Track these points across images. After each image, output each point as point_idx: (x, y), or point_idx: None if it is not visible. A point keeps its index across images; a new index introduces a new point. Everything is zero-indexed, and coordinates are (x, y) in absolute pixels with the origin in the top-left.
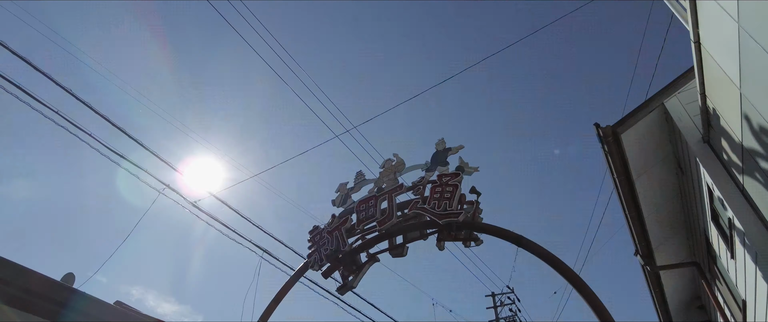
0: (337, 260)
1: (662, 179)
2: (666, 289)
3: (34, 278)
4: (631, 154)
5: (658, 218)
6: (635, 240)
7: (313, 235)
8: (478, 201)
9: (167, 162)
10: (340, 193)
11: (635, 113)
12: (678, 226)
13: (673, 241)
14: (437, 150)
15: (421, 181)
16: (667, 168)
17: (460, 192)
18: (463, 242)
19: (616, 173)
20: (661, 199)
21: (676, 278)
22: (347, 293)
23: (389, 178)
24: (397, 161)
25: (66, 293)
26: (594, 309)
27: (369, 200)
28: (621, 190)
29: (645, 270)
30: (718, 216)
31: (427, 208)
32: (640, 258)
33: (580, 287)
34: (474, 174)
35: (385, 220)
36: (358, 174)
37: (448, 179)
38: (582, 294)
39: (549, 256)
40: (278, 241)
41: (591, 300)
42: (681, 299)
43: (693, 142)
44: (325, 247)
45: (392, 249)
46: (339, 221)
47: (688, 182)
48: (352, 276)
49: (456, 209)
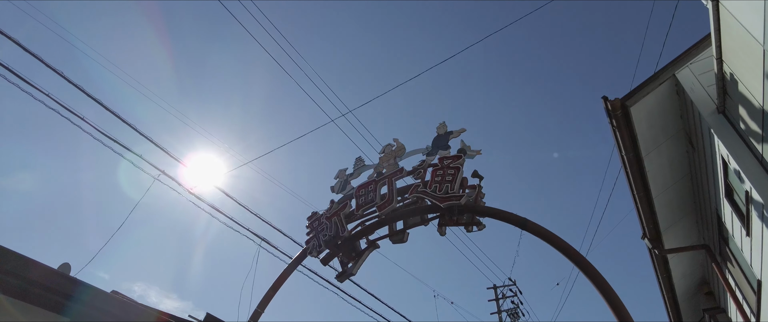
0: (336, 246)
1: (672, 156)
2: (673, 275)
3: (30, 266)
4: (640, 129)
5: (666, 200)
6: (643, 222)
7: (311, 221)
8: (480, 185)
9: (162, 147)
10: (339, 179)
11: (645, 85)
12: (687, 208)
13: (681, 224)
14: (439, 134)
15: (422, 164)
16: (677, 145)
17: (461, 175)
18: (465, 227)
19: (625, 150)
20: (671, 179)
21: (684, 262)
22: (346, 280)
23: (389, 163)
24: (398, 146)
25: (63, 282)
26: (601, 291)
27: (368, 185)
28: (629, 168)
29: (652, 254)
30: (733, 191)
31: (427, 191)
32: (647, 241)
33: (586, 269)
34: (476, 157)
35: (385, 204)
36: (357, 160)
37: (450, 161)
38: (588, 276)
39: (554, 238)
40: (276, 229)
41: (597, 282)
42: (688, 285)
43: (707, 113)
44: (323, 233)
45: (392, 235)
46: (338, 207)
47: (700, 158)
48: (351, 263)
49: (458, 192)
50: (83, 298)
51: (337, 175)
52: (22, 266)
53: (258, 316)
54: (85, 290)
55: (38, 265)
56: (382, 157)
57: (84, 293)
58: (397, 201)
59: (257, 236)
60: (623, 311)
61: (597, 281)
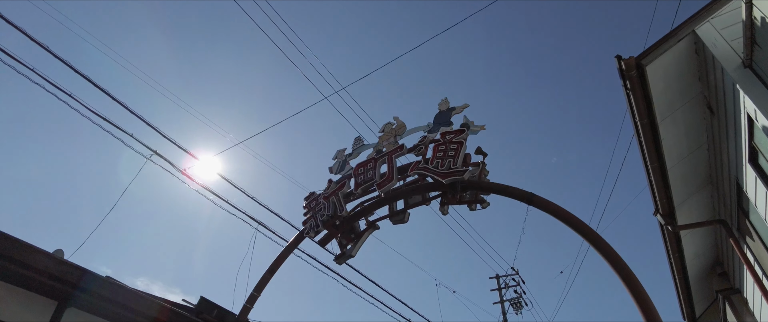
0: (334, 226)
1: (688, 124)
2: (685, 254)
3: (26, 250)
4: (656, 92)
5: (681, 172)
6: (656, 197)
7: (308, 201)
8: (484, 162)
9: (154, 126)
10: (337, 159)
11: (662, 43)
12: (702, 182)
13: (696, 199)
14: (440, 110)
15: (423, 140)
16: (694, 111)
17: (464, 150)
18: (468, 205)
19: (638, 116)
20: (686, 149)
21: (697, 241)
22: (345, 263)
23: (389, 141)
24: (398, 124)
25: (59, 266)
26: (612, 264)
27: (367, 163)
28: (643, 136)
29: (665, 230)
30: (758, 154)
31: (429, 167)
32: (660, 217)
33: (598, 243)
34: (480, 133)
35: (385, 182)
36: (356, 140)
37: (452, 136)
38: (598, 249)
39: (563, 213)
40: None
41: (608, 255)
42: (701, 266)
43: (731, 68)
44: (321, 213)
45: (393, 215)
46: (336, 186)
47: (721, 123)
48: (350, 245)
49: (460, 167)
50: (78, 283)
51: (335, 155)
52: (12, 248)
53: (254, 299)
54: (80, 275)
55: (32, 248)
56: (381, 136)
57: (77, 277)
58: (397, 179)
59: (254, 219)
60: (637, 285)
61: (609, 255)
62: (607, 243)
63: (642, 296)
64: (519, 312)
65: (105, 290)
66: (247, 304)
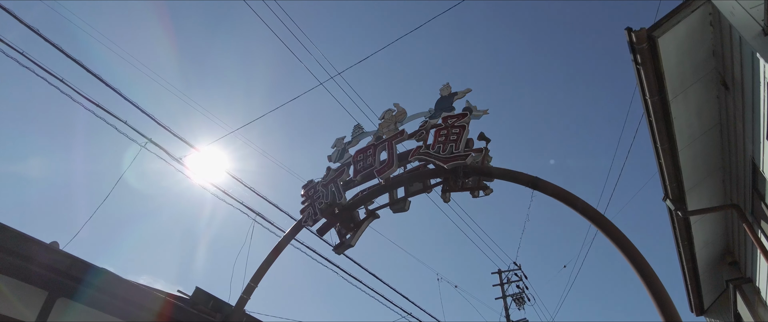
0: (333, 215)
1: (700, 103)
2: (695, 242)
3: (15, 238)
4: (668, 66)
5: (692, 154)
6: (665, 180)
7: (306, 189)
8: (487, 148)
9: (150, 115)
10: (336, 148)
11: (675, 13)
12: (714, 165)
13: (706, 184)
14: (442, 96)
15: (424, 125)
16: (707, 89)
17: (467, 134)
18: (470, 192)
19: (649, 93)
20: (698, 129)
21: (707, 229)
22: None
23: (389, 128)
24: (398, 111)
25: (49, 255)
26: (621, 248)
27: (367, 150)
28: (653, 115)
29: (674, 217)
30: None
31: (430, 153)
32: (669, 203)
33: (605, 226)
34: (483, 119)
35: (385, 169)
36: (355, 127)
37: (455, 120)
38: (607, 234)
39: (569, 196)
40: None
41: (618, 239)
42: (710, 255)
43: (750, 37)
44: (319, 201)
45: (393, 204)
46: (335, 174)
47: (737, 99)
48: (349, 234)
49: (463, 152)
50: (69, 272)
51: (334, 143)
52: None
53: (251, 290)
54: (70, 263)
55: (22, 236)
56: (381, 123)
57: (68, 265)
58: (397, 165)
59: (251, 210)
60: (648, 270)
61: (615, 237)
62: (616, 227)
63: (653, 281)
64: (521, 307)
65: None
66: (244, 295)
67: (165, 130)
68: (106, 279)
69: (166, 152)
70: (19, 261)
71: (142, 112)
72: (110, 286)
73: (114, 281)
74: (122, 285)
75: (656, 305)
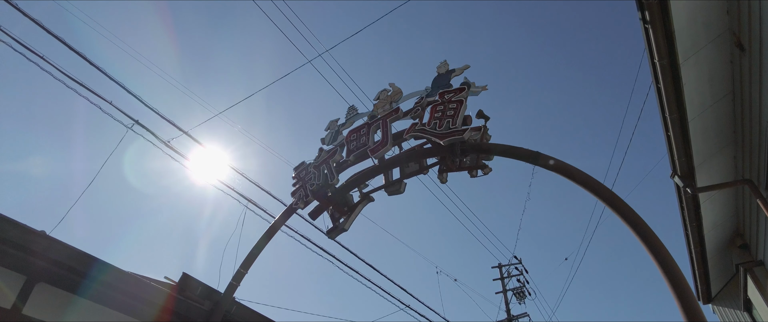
0: (325, 197)
1: (713, 67)
2: (704, 223)
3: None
4: (678, 26)
5: (703, 126)
6: (674, 155)
7: (298, 171)
8: (486, 126)
9: (137, 96)
10: (330, 130)
11: None
12: (725, 138)
13: (717, 159)
14: (439, 73)
15: (420, 102)
16: (721, 51)
17: (464, 109)
18: (468, 172)
19: (658, 55)
20: (710, 97)
21: (717, 209)
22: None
23: (384, 108)
24: (394, 91)
25: (26, 235)
26: (631, 225)
27: (360, 129)
28: (662, 80)
29: (682, 195)
30: None
31: (426, 129)
32: (678, 179)
33: (612, 201)
34: (482, 96)
35: (379, 147)
36: (350, 109)
37: (452, 95)
38: (614, 209)
39: (572, 171)
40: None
41: (626, 215)
42: (719, 239)
43: None
44: (311, 182)
45: (388, 186)
46: (327, 155)
47: (754, 61)
48: (343, 218)
49: (460, 127)
50: (47, 254)
51: (327, 126)
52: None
53: (241, 277)
54: (48, 245)
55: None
56: (377, 103)
57: (45, 247)
58: (392, 144)
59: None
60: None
61: (628, 216)
62: (624, 202)
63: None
64: (522, 302)
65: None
66: (234, 281)
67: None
68: (87, 263)
69: (153, 135)
70: (7, 248)
71: (129, 92)
72: (92, 271)
73: (95, 266)
74: (104, 270)
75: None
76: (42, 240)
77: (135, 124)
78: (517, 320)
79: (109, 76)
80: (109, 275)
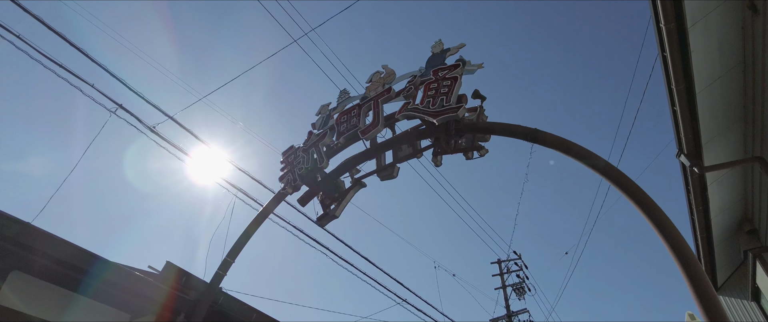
0: (314, 181)
1: (723, 34)
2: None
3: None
4: None
5: (711, 100)
6: (680, 130)
7: (286, 155)
8: (482, 107)
9: (120, 79)
10: (320, 115)
11: None
12: (735, 115)
13: (725, 138)
14: (433, 53)
15: (413, 80)
16: (732, 17)
17: (459, 86)
18: (464, 154)
19: (665, 18)
20: (719, 67)
21: (724, 192)
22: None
23: (377, 91)
24: (387, 72)
25: (10, 225)
26: (635, 201)
27: (351, 111)
28: (669, 47)
29: (688, 177)
30: None
31: (419, 108)
32: (684, 158)
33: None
34: (478, 75)
35: (369, 128)
36: (341, 93)
37: (446, 72)
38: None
39: (572, 146)
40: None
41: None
42: (727, 224)
43: None
44: (299, 166)
45: (380, 171)
46: (316, 137)
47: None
48: (334, 204)
49: (454, 105)
50: (19, 239)
51: (318, 111)
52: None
53: (228, 266)
54: (19, 229)
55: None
56: (369, 86)
57: (17, 232)
58: (384, 125)
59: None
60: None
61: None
62: (629, 178)
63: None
64: (522, 297)
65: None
66: (220, 271)
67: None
68: (64, 251)
69: (137, 119)
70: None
71: (112, 75)
72: (69, 258)
73: (73, 253)
74: (83, 258)
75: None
76: (14, 225)
77: (118, 108)
78: (516, 316)
79: (91, 58)
80: (87, 263)
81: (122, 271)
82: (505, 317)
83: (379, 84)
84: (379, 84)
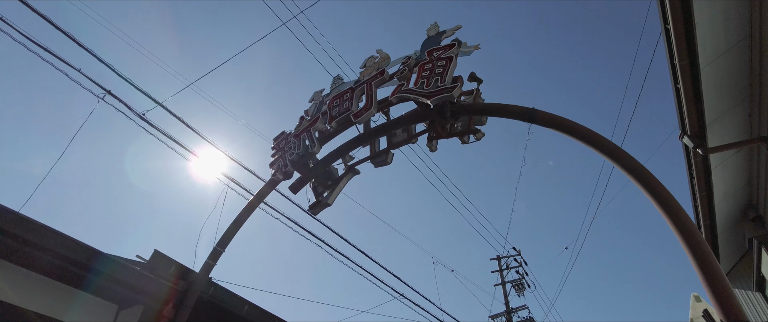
0: (306, 168)
1: (729, 5)
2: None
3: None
4: None
5: (716, 77)
6: (683, 109)
7: (277, 141)
8: (479, 89)
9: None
10: (314, 102)
11: None
12: (741, 94)
13: (730, 119)
14: (429, 36)
15: (407, 62)
16: None
17: (454, 66)
18: (459, 138)
19: None
20: (724, 42)
21: (728, 177)
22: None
23: (371, 75)
24: (381, 57)
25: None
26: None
27: (343, 94)
28: (672, 18)
29: (691, 160)
30: None
31: (413, 89)
32: (687, 139)
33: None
34: (474, 56)
35: (362, 111)
36: (335, 79)
37: (441, 52)
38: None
39: (572, 125)
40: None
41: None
42: (731, 211)
43: None
44: (290, 152)
45: (374, 157)
46: (308, 123)
47: None
48: (326, 192)
49: (449, 84)
50: (17, 233)
51: (312, 97)
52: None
53: (218, 255)
54: (19, 224)
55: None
56: (363, 71)
57: (18, 227)
58: (377, 108)
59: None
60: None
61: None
62: (630, 155)
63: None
64: (521, 294)
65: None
66: (210, 260)
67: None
68: (49, 239)
69: (126, 106)
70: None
71: (100, 60)
72: (54, 246)
73: (58, 242)
74: (68, 246)
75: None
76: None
77: (106, 94)
78: (516, 312)
79: (78, 43)
80: (73, 252)
81: (109, 260)
82: (505, 313)
83: (374, 68)
84: (374, 68)
